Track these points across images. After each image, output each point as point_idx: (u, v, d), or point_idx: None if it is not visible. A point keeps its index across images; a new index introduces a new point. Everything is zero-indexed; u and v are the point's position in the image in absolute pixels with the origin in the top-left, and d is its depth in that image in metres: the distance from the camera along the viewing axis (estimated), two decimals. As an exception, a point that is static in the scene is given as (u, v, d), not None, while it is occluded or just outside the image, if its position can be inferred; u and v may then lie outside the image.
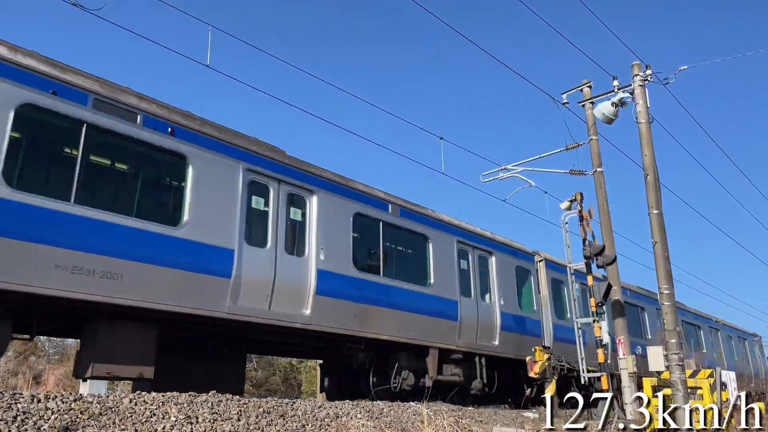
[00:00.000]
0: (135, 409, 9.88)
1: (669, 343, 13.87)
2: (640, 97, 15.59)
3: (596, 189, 19.70)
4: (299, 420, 11.67)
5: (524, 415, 16.42)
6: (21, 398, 10.06)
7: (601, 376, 16.53)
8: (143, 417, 9.95)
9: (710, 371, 16.46)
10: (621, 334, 17.63)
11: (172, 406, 10.26)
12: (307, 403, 12.69)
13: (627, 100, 15.83)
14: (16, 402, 9.96)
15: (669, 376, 14.00)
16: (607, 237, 18.81)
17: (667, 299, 14.10)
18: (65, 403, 10.13)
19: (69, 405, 10.20)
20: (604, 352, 16.68)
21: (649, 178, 15.03)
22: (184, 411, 10.40)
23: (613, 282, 17.92)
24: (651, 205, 14.92)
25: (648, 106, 15.57)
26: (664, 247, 14.56)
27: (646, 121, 15.46)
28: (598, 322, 16.91)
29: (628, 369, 16.42)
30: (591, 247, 17.50)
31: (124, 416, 9.67)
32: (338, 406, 12.70)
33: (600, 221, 19.06)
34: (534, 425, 13.68)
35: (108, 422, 9.28)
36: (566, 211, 18.69)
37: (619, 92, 16.19)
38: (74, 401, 10.34)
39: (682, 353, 13.78)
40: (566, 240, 18.93)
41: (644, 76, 15.66)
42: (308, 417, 11.99)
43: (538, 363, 16.61)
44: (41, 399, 10.24)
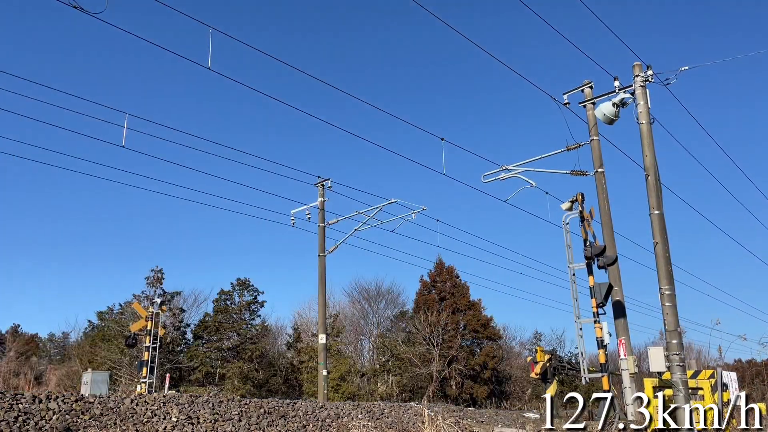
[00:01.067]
0: (136, 409, 9.90)
1: (670, 343, 13.84)
2: (641, 97, 15.56)
3: (597, 189, 19.72)
4: (300, 420, 11.68)
5: (525, 415, 16.43)
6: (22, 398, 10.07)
7: (603, 377, 16.52)
8: (144, 417, 9.97)
9: (711, 371, 16.45)
10: (622, 335, 17.63)
11: (174, 407, 10.29)
12: (308, 404, 12.69)
13: (628, 101, 15.81)
14: (18, 402, 9.97)
15: (670, 376, 13.98)
16: (608, 238, 18.81)
17: (668, 300, 14.07)
18: (66, 404, 10.15)
19: (70, 405, 10.21)
20: (605, 353, 16.68)
21: (650, 179, 15.01)
22: (186, 411, 10.42)
23: (614, 283, 17.92)
24: (652, 205, 14.90)
25: (649, 106, 15.55)
26: (665, 247, 14.54)
27: (647, 122, 15.43)
28: (599, 323, 16.91)
29: (629, 369, 16.42)
30: (592, 247, 17.50)
31: (126, 417, 9.70)
32: (339, 406, 12.73)
33: (601, 222, 19.06)
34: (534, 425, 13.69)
35: (109, 422, 9.31)
36: (567, 212, 18.69)
37: (620, 92, 16.17)
38: (75, 401, 10.36)
39: (683, 353, 13.76)
40: (567, 240, 18.94)
41: (645, 76, 15.63)
42: (309, 417, 12.01)
43: (538, 363, 16.61)
44: (42, 399, 10.25)
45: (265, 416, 11.60)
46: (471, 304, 52.67)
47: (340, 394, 42.10)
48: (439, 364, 46.60)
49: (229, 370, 43.47)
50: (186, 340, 47.07)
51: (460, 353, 48.56)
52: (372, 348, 54.54)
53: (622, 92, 16.11)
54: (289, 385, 48.03)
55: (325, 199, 29.91)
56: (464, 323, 51.61)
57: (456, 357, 47.97)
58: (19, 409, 9.74)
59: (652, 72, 15.71)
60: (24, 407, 9.75)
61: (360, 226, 29.73)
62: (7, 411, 9.54)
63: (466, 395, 47.24)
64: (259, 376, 45.26)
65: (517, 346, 65.95)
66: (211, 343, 45.53)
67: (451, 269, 53.96)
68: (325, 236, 29.62)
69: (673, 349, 13.70)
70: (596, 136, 20.02)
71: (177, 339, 45.36)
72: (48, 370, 49.40)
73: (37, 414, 9.81)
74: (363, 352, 56.08)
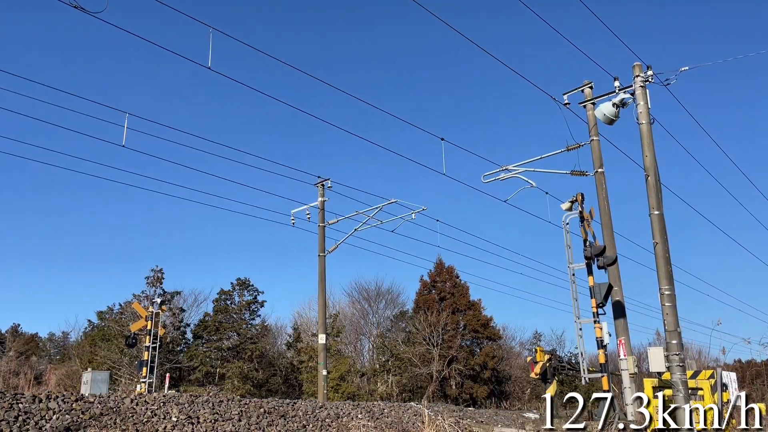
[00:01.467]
0: (136, 409, 9.90)
1: (670, 343, 13.84)
2: (641, 97, 15.56)
3: (597, 190, 19.72)
4: (300, 420, 11.69)
5: (525, 415, 16.43)
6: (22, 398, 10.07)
7: (602, 377, 16.53)
8: (144, 417, 9.97)
9: (711, 372, 16.45)
10: (622, 335, 17.63)
11: (174, 407, 10.29)
12: (307, 404, 12.70)
13: (628, 101, 15.81)
14: (18, 402, 9.98)
15: (670, 376, 13.98)
16: (607, 238, 18.82)
17: (668, 300, 14.07)
18: (66, 403, 10.15)
19: (70, 405, 10.22)
20: (604, 353, 16.68)
21: (650, 179, 15.01)
22: (185, 411, 10.42)
23: (614, 283, 17.92)
24: (652, 205, 14.90)
25: (649, 106, 15.55)
26: (665, 247, 14.54)
27: (647, 122, 15.43)
28: (598, 323, 16.92)
29: (629, 370, 16.42)
30: (592, 247, 17.50)
31: (125, 416, 9.70)
32: (339, 406, 12.73)
33: (601, 222, 19.07)
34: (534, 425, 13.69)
35: (109, 422, 9.31)
36: (567, 212, 18.70)
37: (620, 93, 16.17)
38: (75, 401, 10.36)
39: (682, 354, 13.76)
40: (567, 241, 18.95)
41: (645, 76, 15.62)
42: (309, 417, 12.01)
43: (538, 363, 16.61)
44: (42, 399, 10.26)
45: (264, 416, 11.61)
46: (471, 304, 52.70)
47: (340, 393, 42.11)
48: (438, 364, 46.61)
49: (229, 370, 43.48)
50: (186, 340, 47.10)
51: (460, 353, 48.58)
52: (372, 348, 54.57)
53: (622, 92, 16.11)
54: (289, 385, 48.03)
55: (325, 198, 29.94)
56: (464, 323, 51.63)
57: (456, 357, 47.98)
58: (19, 409, 9.75)
59: (652, 72, 15.71)
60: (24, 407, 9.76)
61: (360, 226, 29.77)
62: (7, 410, 9.55)
63: (466, 395, 47.25)
64: (259, 376, 45.27)
65: (516, 346, 66.04)
66: (211, 342, 45.54)
67: (451, 269, 54.00)
68: (325, 236, 29.64)
69: (673, 349, 13.69)
70: (596, 136, 20.03)
71: (177, 339, 45.37)
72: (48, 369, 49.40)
73: (37, 413, 9.82)
74: (363, 352, 56.12)
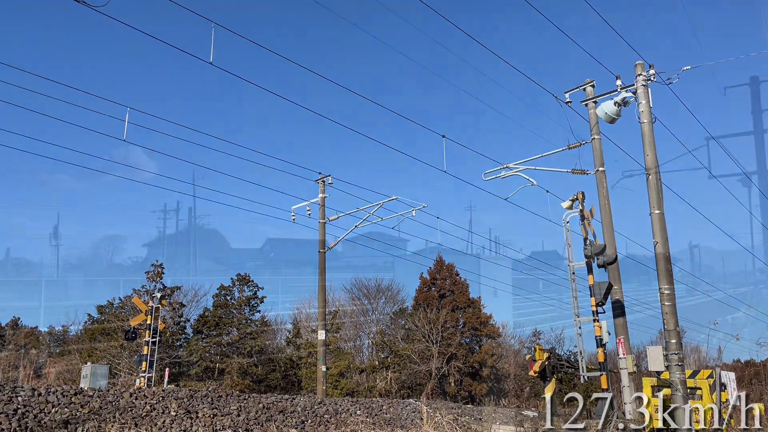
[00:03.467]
0: (135, 403, 9.91)
1: (669, 343, 13.84)
2: (643, 96, 15.53)
3: (598, 188, 19.71)
4: (299, 416, 11.70)
5: (523, 413, 16.44)
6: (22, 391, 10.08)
7: (601, 375, 16.53)
8: (143, 411, 9.99)
9: (710, 371, 16.46)
10: (621, 334, 17.63)
11: (173, 401, 10.30)
12: (306, 399, 12.71)
13: (630, 100, 15.78)
14: (17, 395, 9.98)
15: (668, 376, 13.99)
16: (608, 236, 18.81)
17: (667, 299, 14.07)
18: (66, 397, 10.16)
19: (69, 399, 10.22)
20: (604, 352, 16.68)
21: (651, 178, 14.99)
22: (184, 406, 10.43)
23: (613, 282, 17.91)
24: (652, 205, 14.89)
25: (650, 105, 15.52)
26: (665, 247, 14.53)
27: (649, 121, 15.41)
28: (598, 322, 16.91)
29: (628, 368, 16.42)
30: (592, 246, 17.49)
31: (124, 410, 9.71)
32: (338, 402, 12.75)
33: (601, 221, 19.06)
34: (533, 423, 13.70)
35: (108, 416, 9.32)
36: (568, 210, 18.69)
37: (621, 92, 16.14)
38: (75, 395, 10.37)
39: (681, 353, 13.76)
40: (567, 239, 18.93)
41: (647, 75, 15.59)
42: (308, 413, 12.03)
43: (537, 362, 16.61)
44: (42, 392, 10.27)
45: (263, 411, 11.62)
46: (470, 301, 52.71)
47: (339, 390, 42.14)
48: (438, 361, 46.63)
49: (228, 365, 43.51)
50: (185, 335, 47.10)
51: (459, 351, 48.59)
52: (371, 344, 54.59)
53: (624, 91, 16.09)
54: (288, 381, 48.07)
55: (326, 195, 29.93)
56: (463, 321, 51.64)
57: (455, 354, 48.00)
58: (18, 402, 9.75)
59: (654, 71, 15.68)
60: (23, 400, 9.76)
61: (360, 222, 29.78)
62: (6, 404, 9.55)
63: (465, 392, 47.28)
64: (259, 372, 45.30)
65: (516, 344, 66.05)
66: (210, 338, 45.56)
67: (450, 266, 53.99)
68: (325, 232, 29.65)
69: (672, 348, 13.70)
70: (597, 135, 20.01)
71: (176, 334, 45.38)
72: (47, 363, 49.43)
73: (37, 407, 9.82)
74: (362, 349, 56.14)
